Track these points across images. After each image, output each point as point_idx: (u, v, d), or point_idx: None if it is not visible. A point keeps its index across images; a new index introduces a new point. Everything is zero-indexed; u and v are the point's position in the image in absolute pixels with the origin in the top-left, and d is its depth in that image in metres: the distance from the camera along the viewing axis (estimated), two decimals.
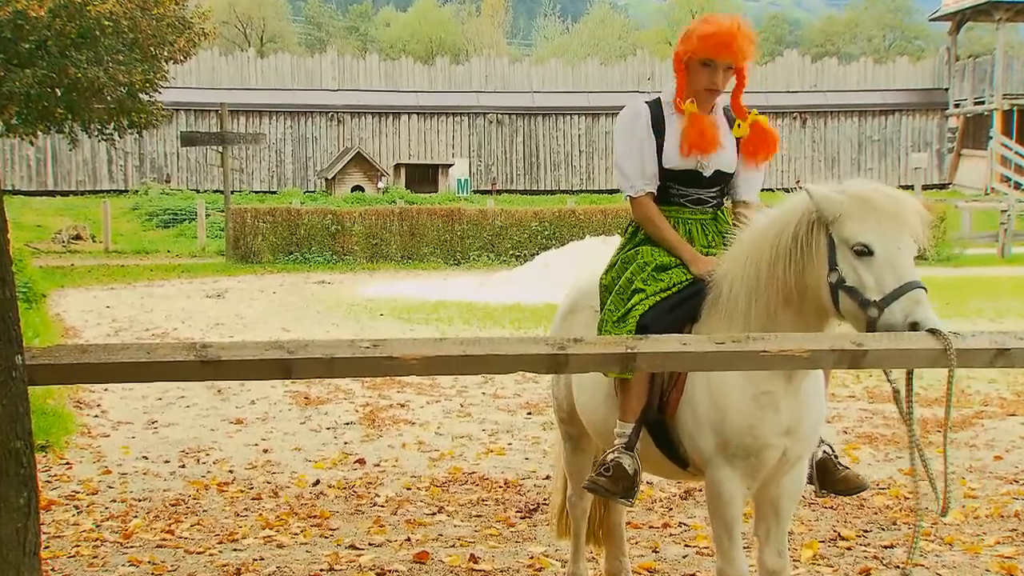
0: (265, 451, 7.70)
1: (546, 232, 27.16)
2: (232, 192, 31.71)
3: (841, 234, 3.35)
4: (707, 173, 4.04)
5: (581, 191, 43.95)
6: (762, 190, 4.22)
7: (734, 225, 3.92)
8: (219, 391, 9.95)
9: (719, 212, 4.15)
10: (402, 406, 9.30)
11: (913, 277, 3.24)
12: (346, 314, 16.37)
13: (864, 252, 3.29)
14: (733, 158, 4.08)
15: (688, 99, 4.05)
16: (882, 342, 3.10)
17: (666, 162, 4.03)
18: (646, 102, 4.15)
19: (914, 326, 3.14)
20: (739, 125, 4.10)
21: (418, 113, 44.65)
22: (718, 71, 3.96)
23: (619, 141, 4.14)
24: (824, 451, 3.91)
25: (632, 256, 4.06)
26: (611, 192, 43.00)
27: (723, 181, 4.12)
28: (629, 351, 2.98)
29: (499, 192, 43.48)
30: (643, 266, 3.96)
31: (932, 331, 3.14)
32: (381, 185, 40.44)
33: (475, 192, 42.86)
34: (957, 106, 45.82)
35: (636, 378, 3.77)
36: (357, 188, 40.14)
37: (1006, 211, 28.55)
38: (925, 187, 41.77)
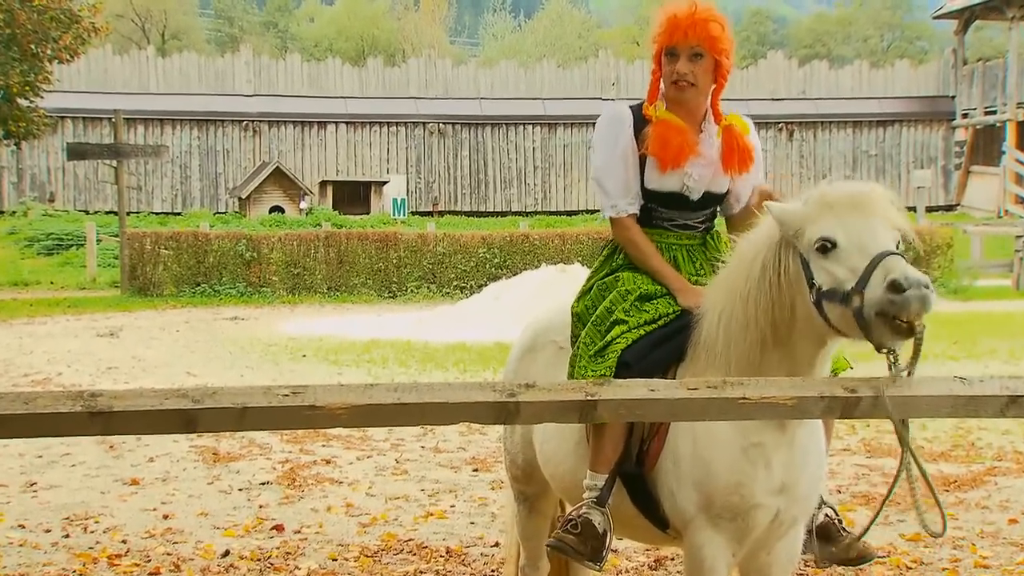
0: (165, 517, 7.61)
1: (496, 260, 27.20)
2: (128, 214, 31.44)
3: (804, 244, 3.41)
4: (694, 197, 4.08)
5: (536, 212, 44.15)
6: None
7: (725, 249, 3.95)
8: (111, 447, 9.83)
9: (708, 237, 4.19)
10: (327, 463, 9.24)
11: (883, 248, 3.25)
12: (262, 356, 16.26)
13: (827, 247, 3.34)
14: (723, 174, 4.11)
15: (662, 102, 4.08)
16: (878, 388, 3.13)
17: (648, 181, 4.06)
18: (629, 107, 4.17)
19: (894, 285, 3.11)
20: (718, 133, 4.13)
21: (347, 122, 44.68)
22: (679, 59, 3.99)
23: (598, 152, 4.16)
24: (826, 514, 3.92)
25: (611, 282, 4.08)
26: (570, 214, 43.24)
27: (713, 204, 4.16)
28: (589, 398, 2.99)
29: (441, 214, 43.56)
30: (624, 294, 3.98)
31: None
32: (304, 205, 40.32)
33: (413, 214, 42.91)
34: (965, 116, 46.33)
35: (612, 423, 3.76)
36: (276, 209, 39.98)
37: (1021, 237, 28.39)
38: (929, 209, 42.15)
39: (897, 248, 3.30)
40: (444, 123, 45.21)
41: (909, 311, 3.11)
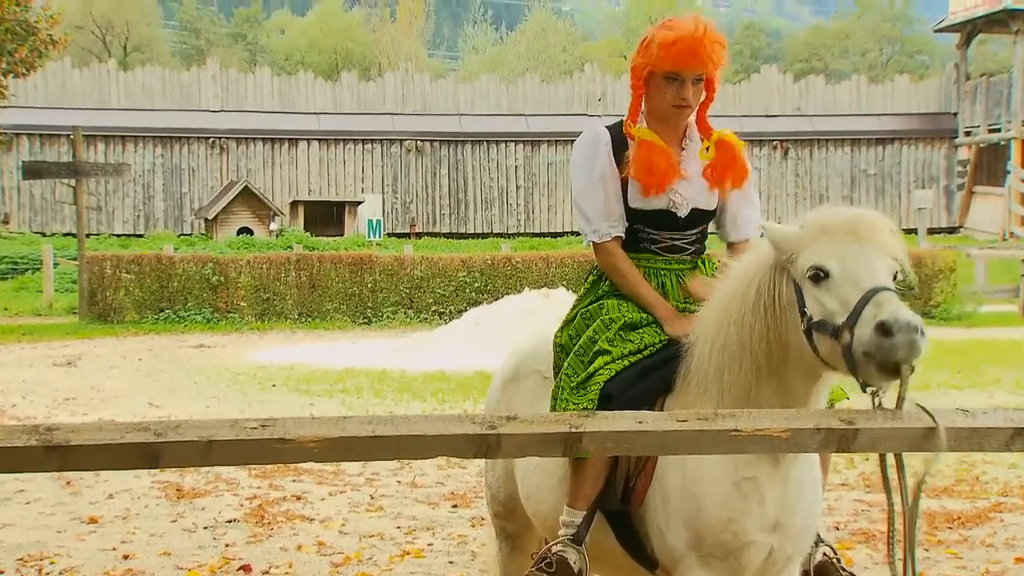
0: (126, 557, 7.57)
1: (476, 284, 27.21)
2: (87, 236, 31.36)
3: (798, 270, 3.42)
4: (682, 213, 4.11)
5: (518, 234, 44.24)
6: None
7: (715, 275, 3.96)
8: (69, 483, 9.77)
9: (699, 261, 4.21)
10: (298, 499, 9.21)
11: (878, 283, 3.25)
12: (230, 386, 16.23)
13: (820, 276, 3.35)
14: (712, 191, 4.15)
15: (643, 120, 4.12)
16: (876, 420, 3.14)
17: (632, 200, 4.09)
18: (607, 126, 4.21)
19: (883, 327, 3.10)
20: (707, 148, 4.16)
21: (320, 139, 44.72)
22: (686, 84, 4.03)
23: (577, 175, 4.19)
24: (824, 553, 3.92)
25: (595, 311, 4.10)
26: (554, 235, 43.33)
27: (703, 222, 4.19)
28: (573, 431, 2.99)
29: (419, 235, 43.60)
30: (608, 323, 4.00)
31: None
32: (274, 227, 40.30)
33: (389, 235, 42.92)
34: (968, 134, 46.63)
35: (596, 458, 3.76)
36: (244, 231, 39.95)
37: None
38: (931, 231, 42.33)
39: (894, 279, 3.31)
40: (422, 140, 45.29)
41: (896, 355, 3.10)
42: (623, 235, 4.12)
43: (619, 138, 4.13)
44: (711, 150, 4.14)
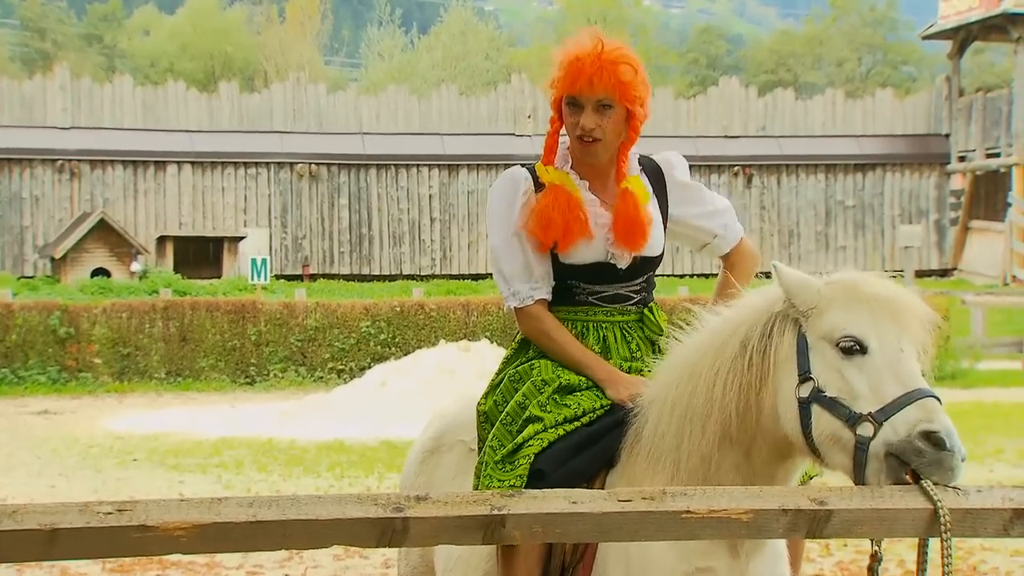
0: None
1: (382, 336, 27.15)
2: None
3: (820, 328, 3.47)
4: (622, 265, 4.16)
5: (433, 276, 44.21)
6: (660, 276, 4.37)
7: (675, 326, 3.98)
8: None
9: (646, 311, 4.25)
10: None
11: (924, 385, 3.36)
12: (80, 461, 16.04)
13: (855, 349, 3.40)
14: (656, 235, 4.20)
15: (566, 161, 4.20)
16: (852, 500, 3.16)
17: (563, 256, 4.13)
18: (525, 166, 4.26)
19: (928, 437, 3.20)
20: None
21: (193, 162, 44.49)
22: (585, 111, 4.09)
23: (493, 227, 4.24)
24: None
25: (525, 372, 4.13)
26: (475, 278, 43.35)
27: (649, 268, 4.24)
28: (495, 513, 3.00)
29: (313, 278, 43.42)
30: (541, 385, 4.02)
31: (923, 486, 3.20)
32: (137, 267, 39.94)
33: (277, 278, 42.63)
34: (962, 159, 46.83)
35: (526, 546, 3.77)
36: (101, 272, 39.56)
37: None
38: (920, 273, 42.65)
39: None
40: (317, 163, 45.17)
41: (937, 473, 3.21)
42: (548, 296, 4.17)
43: (540, 180, 4.21)
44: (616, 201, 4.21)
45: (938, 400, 3.35)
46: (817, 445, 3.40)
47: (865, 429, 3.28)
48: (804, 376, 3.44)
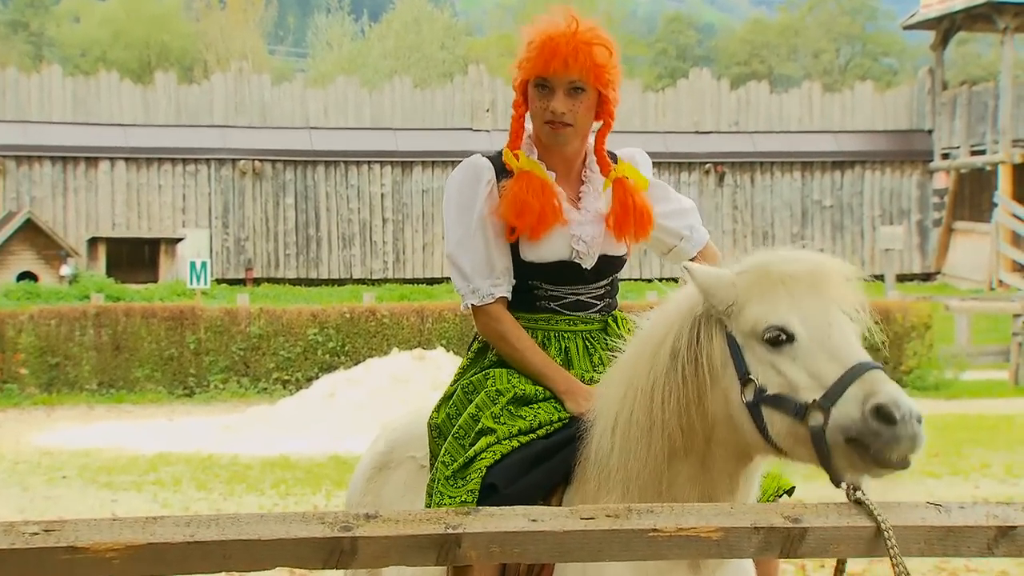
0: None
1: (330, 344, 27.11)
2: None
3: (744, 325, 3.47)
4: (588, 264, 4.17)
5: (385, 280, 44.14)
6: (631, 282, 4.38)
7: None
8: None
9: (610, 319, 4.27)
10: None
11: (861, 356, 3.32)
12: (6, 477, 15.98)
13: (781, 339, 3.39)
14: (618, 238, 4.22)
15: (530, 148, 4.19)
16: (829, 518, 3.17)
17: (524, 251, 4.14)
18: (488, 156, 4.26)
19: (882, 413, 3.18)
20: (607, 187, 4.24)
21: (127, 159, 44.28)
22: (556, 94, 4.08)
23: (452, 221, 4.22)
24: None
25: (479, 382, 4.13)
26: (430, 282, 43.34)
27: (612, 271, 4.26)
28: (450, 531, 3.00)
29: (257, 282, 43.30)
30: (495, 396, 4.03)
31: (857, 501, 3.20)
32: (67, 271, 39.76)
33: (218, 282, 42.51)
34: (946, 157, 47.12)
35: (481, 566, 3.73)
36: (27, 276, 39.37)
37: (1020, 316, 28.07)
38: (901, 277, 42.75)
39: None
40: (261, 160, 45.04)
41: (898, 450, 3.20)
42: (508, 295, 4.17)
43: (504, 171, 4.19)
44: (607, 189, 4.22)
45: (880, 369, 3.29)
46: (778, 444, 3.40)
47: (815, 419, 3.26)
48: (744, 379, 3.43)
